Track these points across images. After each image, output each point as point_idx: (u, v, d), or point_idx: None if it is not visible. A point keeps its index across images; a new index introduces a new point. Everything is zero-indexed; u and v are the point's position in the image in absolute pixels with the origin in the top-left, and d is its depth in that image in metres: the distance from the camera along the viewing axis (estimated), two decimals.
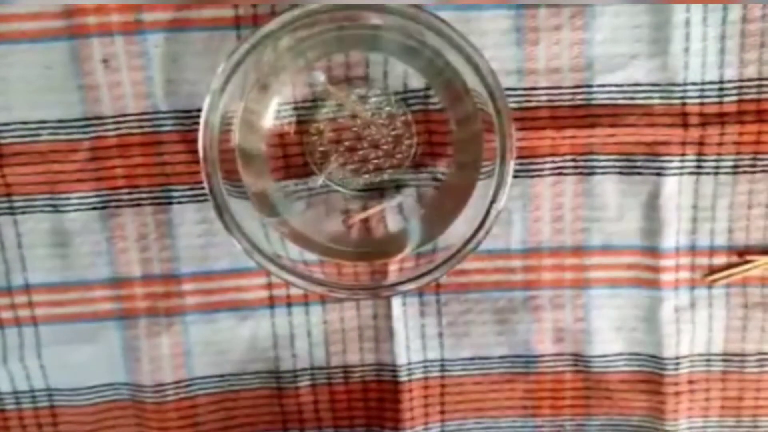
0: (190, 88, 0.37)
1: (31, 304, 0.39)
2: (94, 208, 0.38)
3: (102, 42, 0.36)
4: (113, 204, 0.38)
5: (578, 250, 0.39)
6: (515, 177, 0.34)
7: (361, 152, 0.38)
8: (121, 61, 0.36)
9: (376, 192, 0.38)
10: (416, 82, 0.37)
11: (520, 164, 0.38)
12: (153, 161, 0.37)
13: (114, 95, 0.37)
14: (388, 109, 0.37)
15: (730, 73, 0.37)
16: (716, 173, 0.38)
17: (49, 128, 0.37)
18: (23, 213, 0.38)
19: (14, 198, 0.38)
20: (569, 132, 0.37)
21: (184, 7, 0.36)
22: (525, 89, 0.37)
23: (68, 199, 0.38)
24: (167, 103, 0.37)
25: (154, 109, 0.37)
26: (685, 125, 0.37)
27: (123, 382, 0.41)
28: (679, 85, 0.37)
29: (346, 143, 0.38)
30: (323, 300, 0.40)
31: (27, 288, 0.39)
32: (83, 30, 0.36)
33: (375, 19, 0.34)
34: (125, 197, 0.38)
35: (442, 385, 0.42)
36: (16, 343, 0.40)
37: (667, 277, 0.39)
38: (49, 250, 0.39)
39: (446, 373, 0.41)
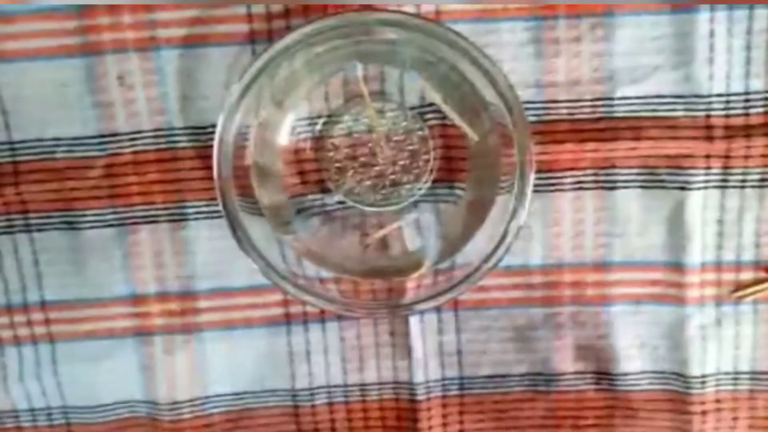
0: (205, 104, 0.36)
1: (47, 321, 0.39)
2: (110, 225, 0.38)
3: (117, 59, 0.36)
4: (129, 221, 0.38)
5: (600, 266, 0.39)
6: (535, 192, 0.34)
7: (377, 168, 0.37)
8: (136, 78, 0.36)
9: (393, 208, 0.38)
10: (433, 96, 0.36)
11: (540, 178, 0.37)
12: (168, 177, 0.37)
13: (129, 112, 0.36)
14: (404, 124, 0.37)
15: (757, 84, 0.36)
16: (742, 187, 0.37)
17: (65, 145, 0.37)
18: (39, 230, 0.38)
19: (30, 215, 0.38)
20: (590, 145, 0.37)
21: (198, 22, 0.35)
22: (544, 102, 0.36)
23: (84, 216, 0.38)
24: (182, 120, 0.37)
25: (169, 125, 0.37)
26: (710, 138, 0.36)
27: (139, 400, 0.41)
28: (703, 96, 0.36)
29: (363, 159, 0.37)
30: (340, 317, 0.40)
31: (43, 305, 0.39)
32: (98, 47, 0.36)
33: (390, 34, 0.34)
34: (141, 214, 0.38)
35: (461, 404, 0.41)
36: (33, 360, 0.40)
37: (692, 293, 0.38)
38: (65, 267, 0.39)
39: (465, 392, 0.41)
